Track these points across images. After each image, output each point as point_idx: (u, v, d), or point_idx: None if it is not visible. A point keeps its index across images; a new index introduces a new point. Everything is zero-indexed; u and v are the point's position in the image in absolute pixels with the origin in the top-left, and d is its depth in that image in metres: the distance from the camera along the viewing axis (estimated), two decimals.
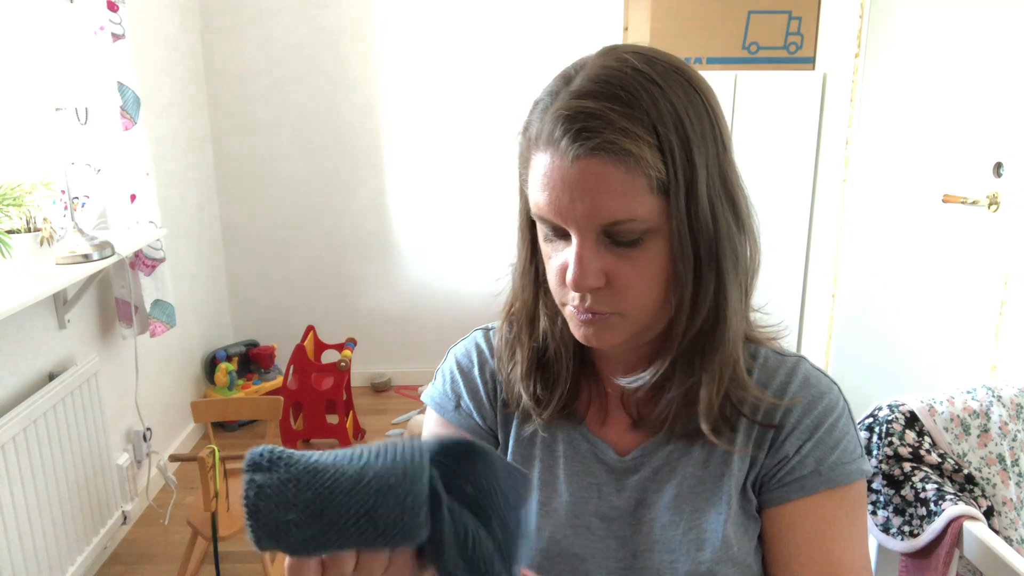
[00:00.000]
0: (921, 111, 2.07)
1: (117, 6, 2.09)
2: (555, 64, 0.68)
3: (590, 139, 0.57)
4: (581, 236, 0.60)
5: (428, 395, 0.81)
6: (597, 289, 0.61)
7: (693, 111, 0.60)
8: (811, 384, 0.71)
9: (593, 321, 0.64)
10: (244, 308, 3.34)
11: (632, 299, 0.62)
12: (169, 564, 2.12)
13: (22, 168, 1.93)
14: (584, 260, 0.60)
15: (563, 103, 0.59)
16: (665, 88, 0.59)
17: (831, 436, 0.69)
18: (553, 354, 0.72)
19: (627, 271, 0.61)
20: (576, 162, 0.58)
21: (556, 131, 0.59)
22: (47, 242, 1.78)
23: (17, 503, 1.67)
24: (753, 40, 2.60)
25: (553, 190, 0.60)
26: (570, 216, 0.60)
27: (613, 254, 0.61)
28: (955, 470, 1.07)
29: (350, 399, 2.88)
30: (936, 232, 1.99)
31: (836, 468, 0.68)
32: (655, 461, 0.71)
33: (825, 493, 0.68)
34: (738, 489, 0.69)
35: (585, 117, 0.57)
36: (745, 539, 0.69)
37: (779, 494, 0.69)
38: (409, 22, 3.05)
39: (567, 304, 0.65)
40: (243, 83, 3.09)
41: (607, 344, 0.65)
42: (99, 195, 2.15)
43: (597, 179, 0.58)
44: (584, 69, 0.61)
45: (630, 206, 0.58)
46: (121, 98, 2.12)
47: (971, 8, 1.87)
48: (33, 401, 1.75)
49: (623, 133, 0.57)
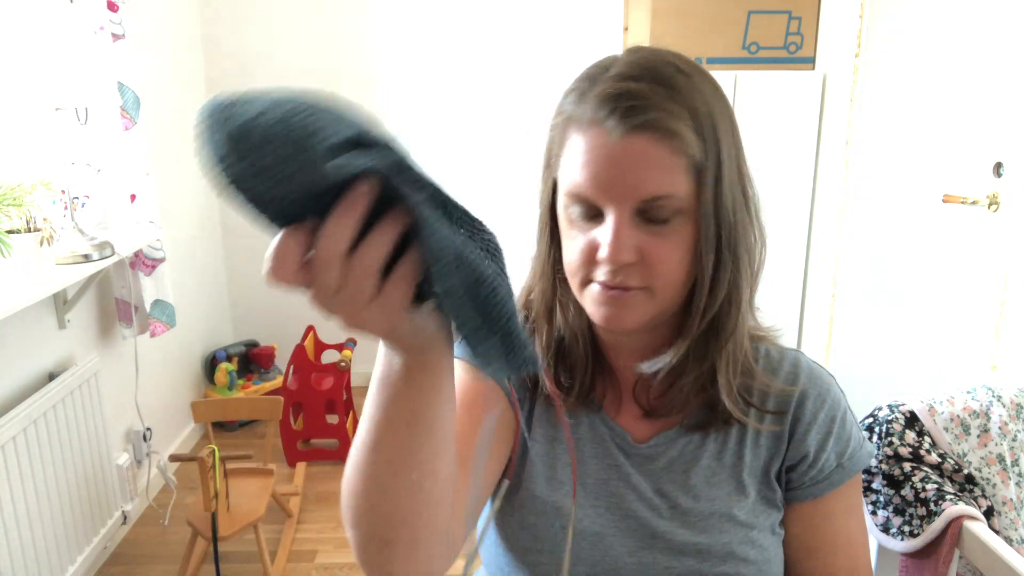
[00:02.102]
0: (921, 111, 2.07)
1: (117, 6, 2.09)
2: (555, 64, 0.69)
3: (638, 116, 0.60)
4: (619, 212, 0.62)
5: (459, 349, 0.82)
6: (630, 265, 0.64)
7: (718, 105, 0.64)
8: (816, 375, 0.76)
9: (617, 299, 0.65)
10: (244, 308, 3.34)
11: (662, 274, 0.64)
12: (169, 564, 2.12)
13: (22, 168, 1.93)
14: (621, 235, 0.62)
15: (606, 86, 0.62)
16: (696, 80, 0.64)
17: (844, 429, 0.74)
18: (569, 343, 0.74)
19: (659, 247, 0.63)
20: (624, 138, 0.61)
21: (601, 110, 0.61)
22: (47, 242, 1.78)
23: (17, 503, 1.67)
24: (753, 40, 2.60)
25: (598, 164, 0.62)
26: (611, 191, 0.62)
27: (645, 231, 0.63)
28: (955, 470, 1.07)
29: (350, 399, 2.87)
30: (936, 232, 1.99)
31: (853, 458, 0.74)
32: (671, 452, 0.74)
33: (847, 483, 0.74)
34: (756, 477, 0.73)
35: (631, 96, 0.61)
36: (765, 524, 0.73)
37: (812, 491, 0.74)
38: (411, 22, 3.05)
39: (592, 281, 0.66)
40: (243, 83, 3.08)
41: (626, 324, 0.67)
42: (99, 195, 2.15)
43: (644, 154, 0.61)
44: (617, 62, 0.64)
45: (671, 182, 0.61)
46: (121, 98, 2.12)
47: (971, 8, 1.87)
48: (33, 401, 1.75)
49: (668, 113, 0.60)
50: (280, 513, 2.34)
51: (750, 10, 2.57)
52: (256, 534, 1.94)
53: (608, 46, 2.91)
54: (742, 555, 0.70)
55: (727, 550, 0.70)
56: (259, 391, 3.02)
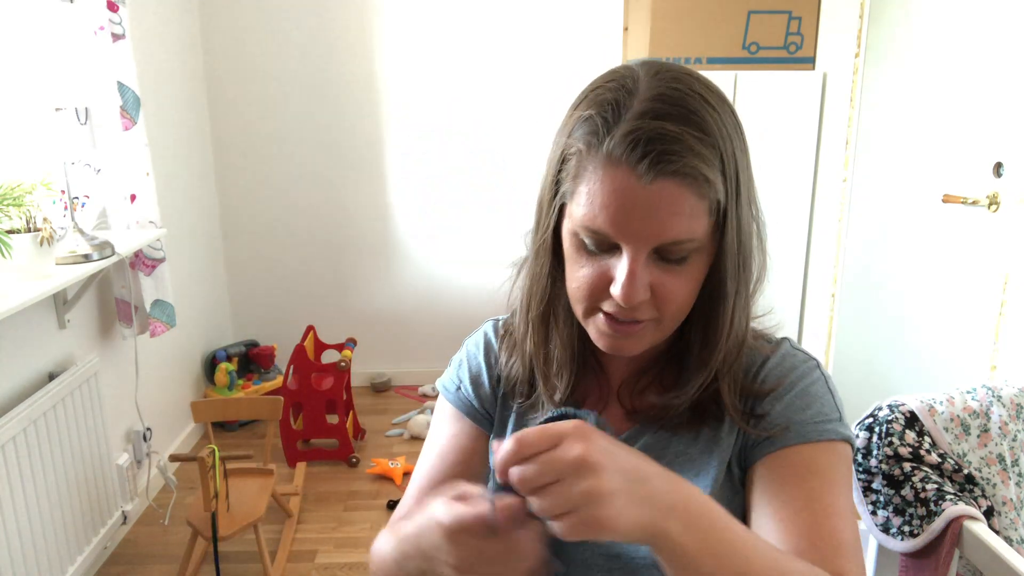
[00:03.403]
0: (921, 111, 2.07)
1: (117, 6, 2.09)
2: (555, 64, 0.69)
3: (672, 163, 0.59)
4: (635, 252, 0.62)
5: (439, 379, 0.88)
6: (642, 302, 0.64)
7: (738, 136, 0.64)
8: (787, 360, 0.74)
9: (627, 331, 0.66)
10: (244, 308, 3.34)
11: (672, 307, 0.65)
12: (169, 564, 2.12)
13: (22, 168, 1.93)
14: (636, 275, 0.62)
15: (637, 124, 0.60)
16: (720, 113, 0.62)
17: (802, 398, 0.71)
18: (559, 356, 0.76)
19: (671, 283, 0.64)
20: (654, 183, 0.59)
21: (632, 152, 0.59)
22: (47, 242, 1.78)
23: (17, 503, 1.67)
24: (753, 40, 2.60)
25: (619, 206, 0.61)
26: (631, 233, 0.61)
27: (659, 268, 0.64)
28: (955, 470, 1.07)
29: (350, 399, 2.88)
30: (936, 232, 1.99)
31: (808, 425, 0.69)
32: (645, 439, 0.75)
33: (801, 447, 0.68)
34: (724, 463, 0.71)
35: (665, 140, 0.59)
36: (730, 510, 0.71)
37: (755, 453, 0.70)
38: (411, 22, 3.05)
39: (598, 312, 0.67)
40: (243, 83, 3.09)
41: (632, 353, 0.69)
42: (99, 195, 2.15)
43: (672, 200, 0.60)
44: (640, 85, 0.62)
45: (692, 227, 0.61)
46: (121, 98, 2.12)
47: (971, 8, 1.87)
48: (33, 401, 1.75)
49: (701, 159, 0.59)
50: (280, 513, 2.34)
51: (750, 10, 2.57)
52: (256, 534, 1.94)
53: (608, 46, 2.91)
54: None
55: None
56: (259, 391, 3.02)
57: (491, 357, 0.84)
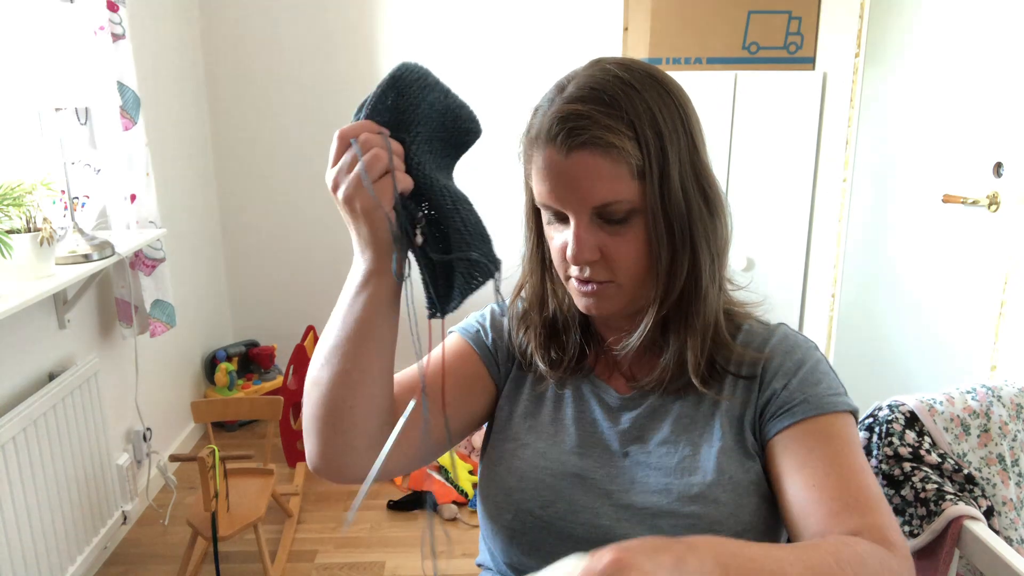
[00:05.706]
0: (921, 111, 2.07)
1: (117, 6, 2.09)
2: (555, 64, 0.73)
3: (580, 135, 0.69)
4: (577, 217, 0.72)
5: (458, 325, 0.94)
6: (593, 262, 0.73)
7: (665, 110, 0.71)
8: (789, 339, 0.82)
9: (593, 292, 0.75)
10: (244, 308, 3.34)
11: (623, 268, 0.74)
12: (169, 564, 2.12)
13: (22, 168, 1.93)
14: (581, 237, 0.72)
15: (557, 107, 0.71)
16: (640, 90, 0.71)
17: (813, 374, 0.78)
18: (562, 326, 0.85)
19: (617, 245, 0.73)
20: (570, 155, 0.70)
21: (552, 130, 0.70)
22: (47, 242, 1.77)
23: (17, 503, 1.67)
24: (753, 40, 2.60)
25: (552, 179, 0.72)
26: (567, 201, 0.72)
27: (605, 231, 0.73)
28: (955, 470, 1.07)
29: None
30: (936, 232, 1.99)
31: (824, 398, 0.76)
32: (651, 402, 0.81)
33: (819, 418, 0.75)
34: (732, 424, 0.77)
35: (576, 118, 0.69)
36: (740, 471, 0.76)
37: (774, 424, 0.76)
38: (411, 22, 3.05)
39: (570, 278, 0.77)
40: (244, 83, 3.09)
41: (606, 312, 0.77)
42: (99, 195, 2.15)
43: (587, 168, 0.70)
44: (574, 79, 0.73)
45: (616, 189, 0.70)
46: (121, 98, 2.12)
47: (971, 8, 1.87)
48: (33, 401, 1.75)
49: (607, 129, 0.69)
50: (280, 513, 2.34)
51: (750, 10, 2.58)
52: (256, 534, 1.94)
53: (608, 46, 2.91)
54: (712, 497, 0.73)
55: (698, 492, 0.74)
56: (259, 391, 3.02)
57: (505, 326, 0.91)
